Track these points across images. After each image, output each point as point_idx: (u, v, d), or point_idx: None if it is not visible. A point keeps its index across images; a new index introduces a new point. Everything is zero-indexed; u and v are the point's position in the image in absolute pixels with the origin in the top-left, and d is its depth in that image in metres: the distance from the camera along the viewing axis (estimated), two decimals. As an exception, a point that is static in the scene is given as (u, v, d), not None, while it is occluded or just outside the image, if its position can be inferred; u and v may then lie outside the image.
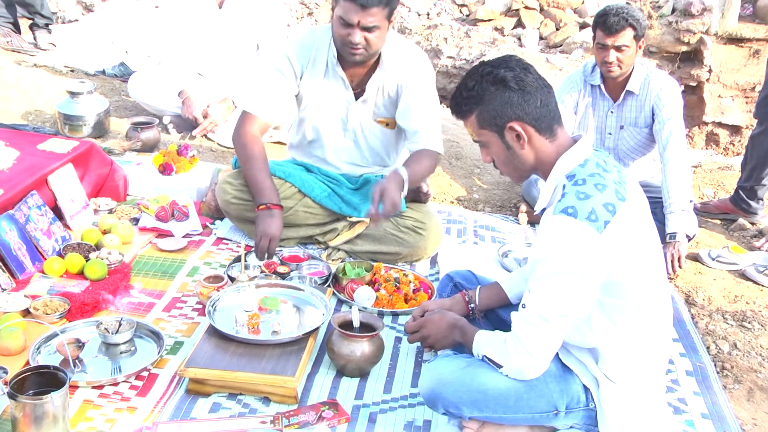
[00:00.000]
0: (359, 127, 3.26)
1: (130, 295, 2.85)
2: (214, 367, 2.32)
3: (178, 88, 4.57)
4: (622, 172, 2.03)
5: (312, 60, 3.15)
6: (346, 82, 3.17)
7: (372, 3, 2.86)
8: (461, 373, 2.06)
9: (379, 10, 2.89)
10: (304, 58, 3.15)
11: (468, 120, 2.07)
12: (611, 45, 3.53)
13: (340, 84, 3.17)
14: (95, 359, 2.44)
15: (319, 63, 3.16)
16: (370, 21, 2.89)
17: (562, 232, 1.88)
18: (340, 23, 2.93)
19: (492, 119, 2.01)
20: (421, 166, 3.08)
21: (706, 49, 5.42)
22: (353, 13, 2.88)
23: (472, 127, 2.07)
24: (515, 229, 3.82)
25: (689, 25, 5.50)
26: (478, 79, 2.02)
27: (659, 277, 2.08)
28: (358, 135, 3.28)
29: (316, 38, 3.16)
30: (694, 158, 5.11)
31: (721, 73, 5.44)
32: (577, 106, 3.82)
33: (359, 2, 2.85)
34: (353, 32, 2.92)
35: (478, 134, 2.07)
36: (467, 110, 2.05)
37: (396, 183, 2.85)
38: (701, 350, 2.87)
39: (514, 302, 2.42)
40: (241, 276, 2.84)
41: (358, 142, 3.30)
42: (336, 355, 2.43)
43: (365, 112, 3.24)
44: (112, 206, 3.48)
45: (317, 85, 3.19)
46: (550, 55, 6.00)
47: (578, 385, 2.08)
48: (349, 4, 2.88)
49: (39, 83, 5.09)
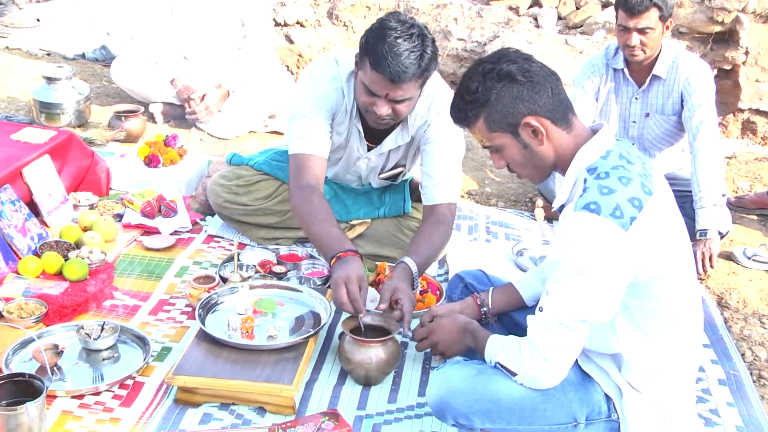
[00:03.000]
0: (364, 173, 3.21)
1: (113, 298, 2.87)
2: (205, 375, 2.33)
3: (165, 73, 4.59)
4: (647, 163, 2.03)
5: (339, 105, 2.94)
6: (362, 134, 3.01)
7: (405, 78, 2.60)
8: (472, 381, 2.07)
9: (413, 83, 2.65)
10: (332, 100, 2.92)
11: (476, 126, 2.05)
12: (634, 27, 3.51)
13: (356, 135, 3.03)
14: (75, 367, 2.45)
15: (346, 112, 2.96)
16: (400, 95, 2.67)
17: (585, 230, 1.89)
18: (365, 91, 2.71)
19: (503, 119, 2.01)
20: (431, 246, 2.85)
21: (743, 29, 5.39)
22: (380, 87, 2.65)
23: (482, 133, 2.05)
24: (531, 226, 3.83)
25: (724, 3, 5.48)
26: (480, 79, 2.01)
27: (689, 278, 2.08)
28: (362, 176, 3.25)
29: (341, 74, 2.90)
30: (728, 148, 5.10)
31: (759, 55, 5.41)
32: (598, 92, 3.81)
33: (389, 76, 2.59)
34: (379, 103, 2.69)
35: (489, 139, 2.06)
36: (474, 115, 2.04)
37: (407, 283, 2.66)
38: (735, 357, 2.87)
39: (529, 305, 2.43)
40: (234, 276, 2.85)
41: (362, 182, 3.30)
42: (351, 363, 2.45)
43: (375, 163, 3.15)
44: (94, 201, 3.50)
45: (342, 132, 3.03)
46: (570, 37, 5.98)
47: (600, 394, 2.08)
48: (377, 76, 2.62)
49: (12, 68, 5.11)
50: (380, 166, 3.17)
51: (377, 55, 2.59)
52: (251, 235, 3.36)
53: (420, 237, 2.89)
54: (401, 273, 2.70)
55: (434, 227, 2.91)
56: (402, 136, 3.01)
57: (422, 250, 2.81)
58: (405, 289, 2.62)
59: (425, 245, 2.84)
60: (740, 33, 5.42)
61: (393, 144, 3.04)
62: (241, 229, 3.36)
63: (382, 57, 2.58)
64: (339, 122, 2.99)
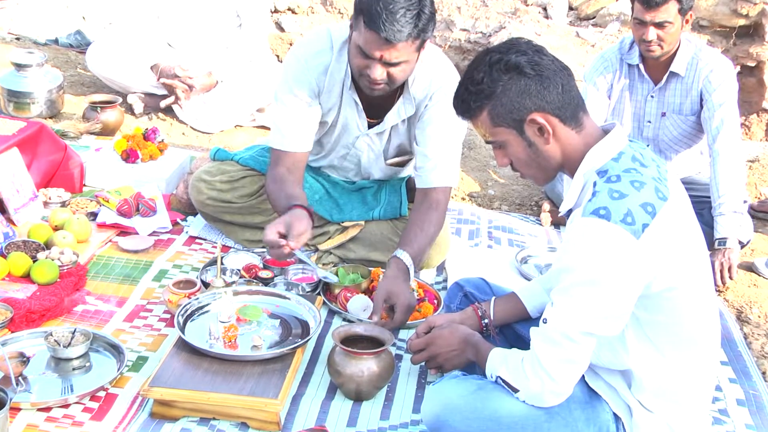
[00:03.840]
0: (366, 157, 3.21)
1: (85, 303, 2.87)
2: (184, 387, 2.33)
3: (146, 60, 4.59)
4: (662, 167, 2.04)
5: (328, 76, 2.99)
6: (360, 106, 3.03)
7: (400, 38, 2.63)
8: (471, 397, 2.07)
9: (408, 44, 2.68)
10: (318, 72, 2.98)
11: (479, 119, 2.07)
12: (651, 21, 3.51)
13: (353, 108, 3.05)
14: (42, 377, 2.45)
15: (336, 80, 2.99)
16: (395, 57, 2.70)
17: (593, 237, 1.90)
18: (358, 53, 2.74)
19: (508, 114, 2.02)
20: (426, 235, 2.91)
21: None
22: (375, 47, 2.68)
23: (485, 127, 2.07)
24: (536, 231, 3.84)
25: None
26: (486, 69, 2.02)
27: (706, 290, 2.09)
28: (362, 162, 3.25)
29: (333, 44, 2.96)
30: (751, 151, 5.11)
31: (785, 51, 5.45)
32: (611, 89, 3.82)
33: (384, 35, 2.62)
34: (373, 66, 2.73)
35: (492, 134, 2.08)
36: (477, 107, 2.05)
37: (402, 280, 2.73)
38: (755, 376, 2.88)
39: (534, 316, 2.44)
40: (216, 281, 2.86)
41: (360, 166, 3.29)
42: (342, 376, 2.45)
43: (377, 145, 3.16)
44: (66, 198, 3.50)
45: (333, 107, 3.06)
46: (581, 29, 6.01)
47: (607, 413, 2.09)
48: (371, 35, 2.65)
49: (-21, 53, 5.11)
50: (383, 150, 3.18)
51: (371, 13, 2.62)
52: (236, 236, 3.37)
53: (413, 226, 2.93)
54: (395, 270, 2.74)
55: (427, 214, 2.96)
56: (405, 109, 3.02)
57: (416, 241, 2.86)
58: (399, 291, 2.66)
59: (419, 235, 2.89)
60: (766, 27, 5.44)
61: (396, 118, 3.04)
62: (225, 230, 3.37)
63: (376, 15, 2.61)
64: (329, 94, 3.01)
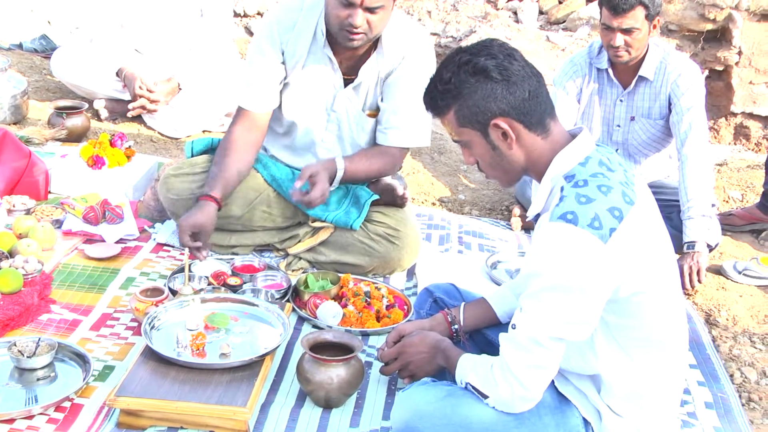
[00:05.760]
0: (345, 118, 3.26)
1: (50, 311, 2.85)
2: (151, 396, 2.32)
3: (113, 66, 4.56)
4: (629, 171, 2.06)
5: (294, 32, 3.12)
6: (335, 64, 3.15)
7: None
8: (441, 403, 2.08)
9: None
10: (284, 27, 3.13)
11: (446, 117, 2.09)
12: (618, 27, 3.53)
13: (328, 66, 3.16)
14: (5, 387, 2.43)
15: (303, 37, 3.13)
16: (375, 1, 2.88)
17: (561, 242, 1.91)
18: (339, 3, 2.90)
19: (473, 116, 2.04)
20: (368, 165, 3.19)
21: (736, 28, 5.46)
22: None
23: (451, 126, 2.09)
24: (507, 236, 3.86)
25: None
26: (454, 69, 2.04)
27: (674, 294, 2.11)
28: (343, 127, 3.28)
29: (303, 4, 3.13)
30: (719, 155, 5.17)
31: (753, 55, 5.49)
32: (580, 93, 3.85)
33: None
34: (354, 13, 2.87)
35: (458, 133, 2.10)
36: (444, 106, 2.07)
37: (328, 172, 3.01)
38: (723, 379, 2.90)
39: (504, 321, 2.45)
40: (184, 289, 2.85)
41: (342, 136, 3.30)
42: (311, 384, 2.44)
43: (355, 102, 3.23)
44: (30, 206, 3.47)
45: (298, 65, 3.17)
46: (551, 33, 6.05)
47: (577, 418, 2.11)
48: None
49: (-58, 58, 5.05)
50: (362, 103, 3.25)
51: None
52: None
53: (361, 152, 3.23)
54: (327, 163, 3.07)
55: (380, 155, 3.23)
56: (379, 65, 3.15)
57: (358, 163, 3.13)
58: (323, 178, 2.98)
59: (362, 160, 3.18)
60: (733, 32, 5.49)
61: (371, 73, 3.16)
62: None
63: None
64: (294, 47, 3.14)
